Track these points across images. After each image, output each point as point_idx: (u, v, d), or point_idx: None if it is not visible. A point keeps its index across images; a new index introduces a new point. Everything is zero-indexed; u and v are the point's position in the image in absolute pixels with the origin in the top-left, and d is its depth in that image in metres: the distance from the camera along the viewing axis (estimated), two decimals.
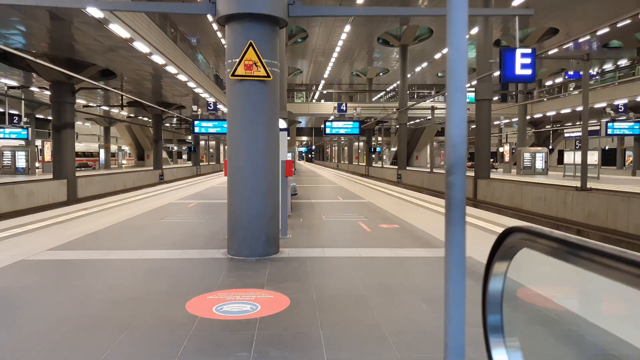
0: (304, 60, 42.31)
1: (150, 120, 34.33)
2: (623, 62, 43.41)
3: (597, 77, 46.36)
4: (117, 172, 26.31)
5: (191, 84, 22.29)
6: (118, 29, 12.66)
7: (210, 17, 22.37)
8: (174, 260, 5.55)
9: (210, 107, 27.96)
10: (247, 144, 5.54)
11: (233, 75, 5.41)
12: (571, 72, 45.03)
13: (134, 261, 5.49)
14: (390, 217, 9.55)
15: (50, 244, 6.36)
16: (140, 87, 25.13)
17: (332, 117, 29.24)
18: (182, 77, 20.57)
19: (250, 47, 5.35)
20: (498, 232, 1.23)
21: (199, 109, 30.37)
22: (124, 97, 24.99)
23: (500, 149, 35.43)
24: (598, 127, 24.96)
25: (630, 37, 35.13)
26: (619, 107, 27.53)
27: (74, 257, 5.64)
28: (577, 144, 25.34)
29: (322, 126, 23.27)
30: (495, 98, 39.18)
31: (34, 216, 9.38)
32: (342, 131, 18.70)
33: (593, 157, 23.70)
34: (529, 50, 6.16)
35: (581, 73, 48.05)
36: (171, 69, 18.66)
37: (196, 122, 20.16)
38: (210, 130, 20.03)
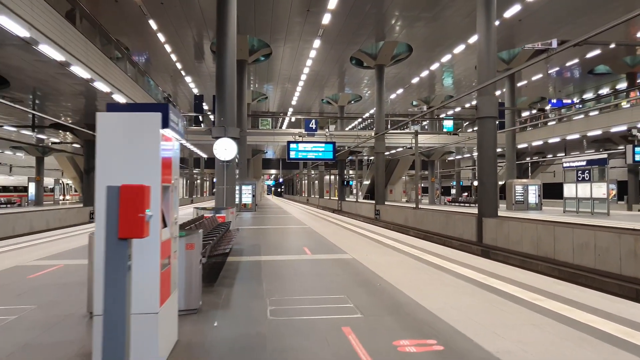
0: (270, 85, 38.10)
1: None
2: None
3: (580, 105, 44.36)
4: (24, 211, 20.62)
5: (118, 97, 17.33)
6: None
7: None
8: None
9: None
10: None
11: None
12: (554, 100, 42.77)
13: None
14: (405, 304, 4.80)
15: None
16: (60, 103, 19.95)
17: (298, 137, 24.49)
18: (102, 86, 15.66)
19: None
20: None
21: None
22: (35, 116, 19.80)
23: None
24: (605, 156, 21.40)
25: (618, 61, 32.89)
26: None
27: None
28: (579, 175, 21.72)
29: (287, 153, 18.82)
30: (465, 124, 35.21)
31: None
32: (311, 155, 13.92)
33: (601, 190, 20.46)
34: None
35: (564, 101, 45.34)
36: (79, 71, 13.70)
37: None
38: None
